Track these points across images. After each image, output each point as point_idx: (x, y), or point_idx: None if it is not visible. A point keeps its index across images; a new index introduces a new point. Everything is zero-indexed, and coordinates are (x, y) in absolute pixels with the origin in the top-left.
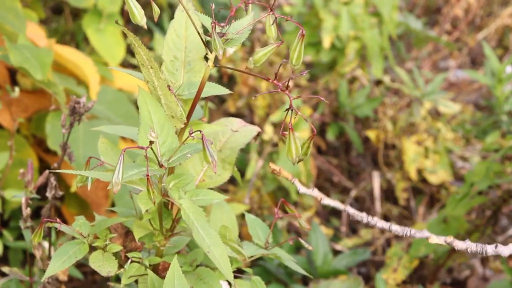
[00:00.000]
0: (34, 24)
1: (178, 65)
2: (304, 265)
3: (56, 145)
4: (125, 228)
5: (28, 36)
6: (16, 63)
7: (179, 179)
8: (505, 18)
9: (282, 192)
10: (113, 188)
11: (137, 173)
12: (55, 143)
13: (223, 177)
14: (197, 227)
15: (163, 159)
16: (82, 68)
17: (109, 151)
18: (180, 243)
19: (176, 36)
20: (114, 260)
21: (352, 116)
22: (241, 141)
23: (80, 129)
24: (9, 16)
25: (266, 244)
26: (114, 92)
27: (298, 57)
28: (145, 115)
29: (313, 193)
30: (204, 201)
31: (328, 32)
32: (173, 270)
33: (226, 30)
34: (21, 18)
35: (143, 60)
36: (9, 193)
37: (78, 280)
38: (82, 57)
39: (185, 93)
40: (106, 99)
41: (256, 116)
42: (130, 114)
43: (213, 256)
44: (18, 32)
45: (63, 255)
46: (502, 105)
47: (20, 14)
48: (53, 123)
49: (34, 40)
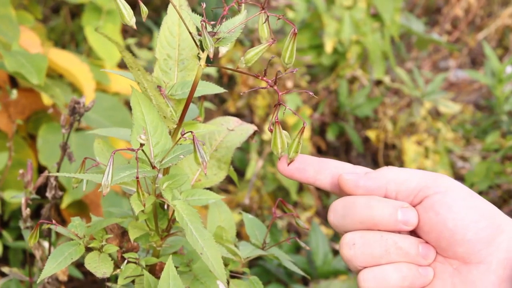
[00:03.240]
0: (29, 30)
1: (171, 63)
2: (304, 265)
3: (48, 160)
4: (121, 228)
5: (22, 44)
6: (11, 69)
7: (173, 180)
8: (505, 18)
9: (282, 192)
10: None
11: (128, 175)
12: (46, 158)
13: (219, 176)
14: (190, 229)
15: (156, 160)
16: (77, 76)
17: (105, 152)
18: (176, 244)
19: (169, 34)
20: (110, 261)
21: (352, 116)
22: (237, 140)
23: (73, 142)
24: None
25: (263, 245)
26: (110, 99)
27: (290, 56)
28: (138, 116)
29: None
30: (200, 201)
31: (331, 36)
32: (168, 270)
33: (218, 29)
34: (14, 26)
35: (131, 63)
36: (8, 194)
37: (78, 280)
38: (77, 63)
39: (178, 93)
40: (101, 107)
41: (256, 116)
42: (127, 121)
43: (206, 258)
44: (11, 41)
45: (59, 257)
46: (502, 105)
47: (13, 21)
48: (44, 137)
49: (28, 48)
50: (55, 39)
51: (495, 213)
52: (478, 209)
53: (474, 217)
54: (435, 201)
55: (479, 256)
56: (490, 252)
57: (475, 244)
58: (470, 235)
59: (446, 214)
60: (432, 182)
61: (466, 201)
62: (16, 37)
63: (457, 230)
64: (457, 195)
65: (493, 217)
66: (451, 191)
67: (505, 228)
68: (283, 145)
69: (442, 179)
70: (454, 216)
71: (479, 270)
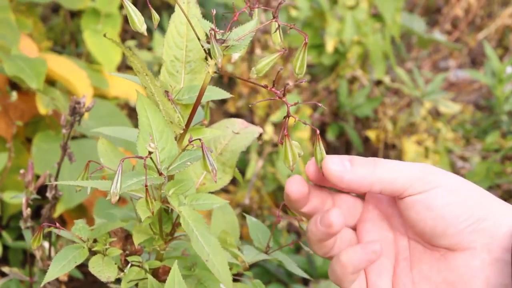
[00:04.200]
0: (26, 37)
1: (178, 66)
2: (304, 265)
3: (43, 169)
4: (125, 231)
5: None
6: (11, 73)
7: (179, 186)
8: (505, 18)
9: (282, 192)
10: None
11: (136, 182)
12: (41, 167)
13: (224, 180)
14: (196, 235)
15: (163, 166)
16: (73, 83)
17: (108, 153)
18: (180, 247)
19: (176, 34)
20: (114, 265)
21: (352, 116)
22: (242, 143)
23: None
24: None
25: (267, 248)
26: (108, 105)
27: (301, 65)
28: (144, 121)
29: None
30: (205, 206)
31: (332, 36)
32: (173, 274)
33: (227, 36)
34: (14, 30)
35: (138, 68)
36: (7, 196)
37: (78, 280)
38: (74, 69)
39: (185, 98)
40: (99, 114)
41: (256, 116)
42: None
43: (212, 264)
44: (10, 46)
45: (62, 260)
46: (502, 105)
47: (13, 26)
48: (39, 146)
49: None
50: (54, 39)
51: (480, 202)
52: (460, 204)
53: (454, 213)
54: (416, 201)
55: (462, 244)
56: (473, 239)
57: (457, 236)
58: (451, 230)
59: (425, 213)
60: (417, 181)
61: (448, 197)
62: (16, 41)
63: (437, 227)
64: (439, 193)
65: (476, 208)
66: (434, 190)
67: (489, 217)
68: (294, 157)
69: (426, 177)
70: (434, 215)
71: (463, 256)
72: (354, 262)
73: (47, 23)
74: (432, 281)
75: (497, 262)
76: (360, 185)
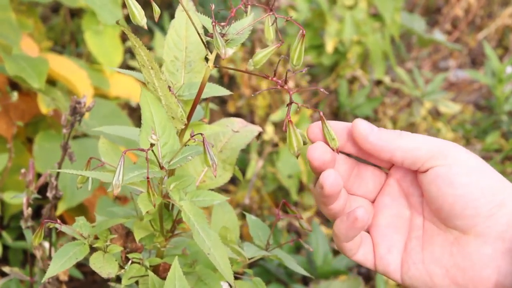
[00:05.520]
0: (27, 37)
1: (178, 65)
2: (304, 265)
3: (44, 168)
4: (125, 229)
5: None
6: (12, 73)
7: (180, 181)
8: (505, 18)
9: (282, 192)
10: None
11: (138, 175)
12: (43, 166)
13: (224, 178)
14: (197, 229)
15: (164, 161)
16: (74, 83)
17: (109, 152)
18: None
19: (176, 36)
20: (115, 262)
21: (352, 116)
22: (242, 141)
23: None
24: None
25: (267, 246)
26: (109, 105)
27: (298, 57)
28: (147, 115)
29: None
30: (205, 202)
31: (332, 36)
32: (174, 271)
33: (226, 30)
34: (15, 29)
35: (144, 61)
36: (8, 196)
37: (78, 280)
38: (75, 69)
39: (185, 94)
40: (100, 114)
41: (257, 116)
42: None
43: (213, 258)
44: (12, 45)
45: (63, 256)
46: (502, 105)
47: (14, 25)
48: (40, 144)
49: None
50: (54, 39)
51: (500, 188)
52: (481, 185)
53: (475, 194)
54: (438, 175)
55: (477, 229)
56: (489, 225)
57: (474, 218)
58: (469, 211)
59: (446, 189)
60: (439, 154)
61: (470, 177)
62: (17, 41)
63: (456, 205)
64: (462, 170)
65: (497, 193)
66: (456, 166)
67: (508, 203)
68: (298, 144)
69: (450, 151)
70: (455, 192)
71: (476, 242)
72: (342, 230)
73: (47, 23)
74: (443, 264)
75: (510, 252)
76: (382, 149)
